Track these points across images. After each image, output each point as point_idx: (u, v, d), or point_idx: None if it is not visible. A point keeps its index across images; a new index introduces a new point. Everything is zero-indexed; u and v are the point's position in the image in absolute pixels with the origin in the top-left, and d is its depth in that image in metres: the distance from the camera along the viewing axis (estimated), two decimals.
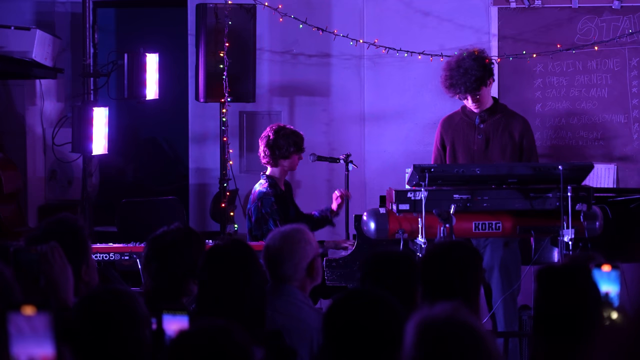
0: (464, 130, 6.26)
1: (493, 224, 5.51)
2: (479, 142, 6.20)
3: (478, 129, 6.22)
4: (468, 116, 6.27)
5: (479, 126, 6.22)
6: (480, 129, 6.22)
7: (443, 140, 6.31)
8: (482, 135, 6.21)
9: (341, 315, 2.79)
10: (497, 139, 6.20)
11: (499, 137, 6.20)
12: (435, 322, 2.32)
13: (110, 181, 8.76)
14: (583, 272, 3.00)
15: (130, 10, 9.53)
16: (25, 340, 1.94)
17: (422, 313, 2.35)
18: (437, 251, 3.86)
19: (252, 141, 7.94)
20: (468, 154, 6.20)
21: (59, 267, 3.34)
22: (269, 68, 8.00)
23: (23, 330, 1.94)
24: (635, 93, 7.51)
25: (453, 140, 6.26)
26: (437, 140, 6.35)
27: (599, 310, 2.92)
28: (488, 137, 6.21)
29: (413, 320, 2.34)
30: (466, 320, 2.34)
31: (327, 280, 5.87)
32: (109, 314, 2.78)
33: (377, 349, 2.72)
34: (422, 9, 7.82)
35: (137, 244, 5.89)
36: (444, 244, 4.20)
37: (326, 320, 2.81)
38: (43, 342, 1.94)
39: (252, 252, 3.59)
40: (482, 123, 6.21)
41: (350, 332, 2.74)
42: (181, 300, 3.78)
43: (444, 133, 6.32)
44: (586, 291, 2.95)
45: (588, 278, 2.98)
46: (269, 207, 6.24)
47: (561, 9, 7.58)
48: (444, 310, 2.34)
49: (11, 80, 8.20)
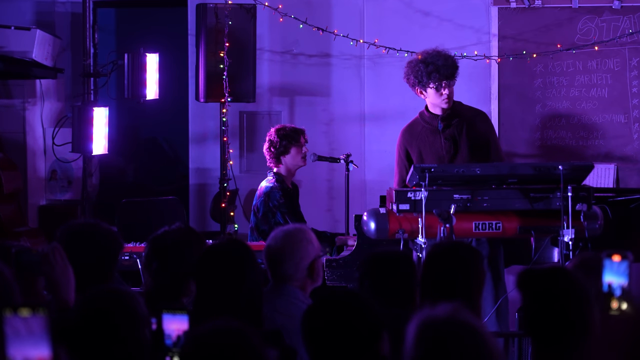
0: (428, 138, 6.04)
1: (493, 224, 5.51)
2: (447, 147, 6.04)
3: (443, 133, 6.04)
4: (429, 123, 6.06)
5: (443, 131, 6.04)
6: (445, 134, 6.07)
7: (407, 152, 6.07)
8: (449, 140, 6.04)
9: (317, 318, 2.79)
10: (463, 142, 6.04)
11: (464, 139, 6.05)
12: (436, 322, 2.32)
13: (110, 181, 8.76)
14: (563, 274, 3.00)
15: (131, 10, 9.53)
16: (22, 341, 1.94)
17: (424, 313, 2.35)
18: (439, 251, 3.85)
19: (252, 141, 7.94)
20: (438, 160, 6.01)
21: (60, 268, 3.35)
22: (269, 68, 8.00)
23: (19, 332, 1.94)
24: (635, 93, 7.51)
25: (419, 149, 6.03)
26: (401, 153, 6.09)
27: (587, 308, 2.91)
28: (455, 140, 6.07)
29: (414, 320, 2.34)
30: (467, 321, 2.34)
31: (327, 280, 5.87)
32: (108, 314, 2.78)
33: (353, 351, 2.72)
34: (423, 9, 7.82)
35: (137, 244, 5.89)
36: (446, 244, 4.20)
37: (303, 322, 2.82)
38: (39, 343, 1.94)
39: (248, 252, 3.59)
40: (446, 128, 6.06)
41: (326, 334, 2.74)
42: (181, 300, 3.78)
43: (407, 144, 6.07)
44: (568, 292, 2.94)
45: (568, 279, 2.98)
46: (277, 200, 6.28)
47: (561, 9, 7.58)
48: (445, 310, 2.34)
49: (11, 80, 8.20)
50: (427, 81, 6.00)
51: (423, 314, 2.35)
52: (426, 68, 6.00)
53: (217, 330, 2.35)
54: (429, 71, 6.00)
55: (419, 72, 6.01)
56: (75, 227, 3.81)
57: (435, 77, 5.99)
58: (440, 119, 6.02)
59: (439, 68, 5.99)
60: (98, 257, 3.73)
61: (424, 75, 6.01)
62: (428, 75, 6.00)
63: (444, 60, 6.02)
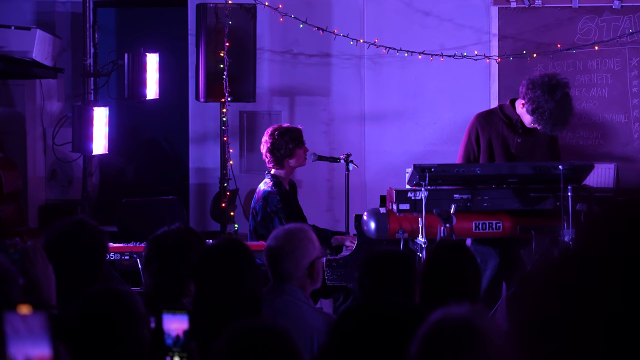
0: (503, 131, 5.98)
1: (493, 223, 5.51)
2: (518, 146, 5.96)
3: (519, 133, 5.97)
4: (509, 118, 6.01)
5: (519, 130, 5.96)
6: (520, 134, 5.97)
7: (478, 136, 5.99)
8: (522, 140, 5.97)
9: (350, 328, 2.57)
10: (534, 143, 5.98)
11: (535, 141, 5.99)
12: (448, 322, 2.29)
13: (110, 181, 8.76)
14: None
15: (131, 10, 9.53)
16: (22, 340, 1.94)
17: (438, 313, 2.32)
18: (439, 250, 3.86)
19: (253, 141, 7.94)
20: (505, 155, 5.96)
21: (40, 267, 3.32)
22: (269, 68, 8.00)
23: (20, 331, 1.94)
24: (636, 93, 7.51)
25: (490, 137, 5.97)
26: (472, 134, 6.02)
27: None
28: (528, 148, 5.99)
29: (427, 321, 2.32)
30: (476, 321, 2.31)
31: (327, 280, 5.87)
32: (108, 313, 2.78)
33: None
34: (423, 8, 7.81)
35: (137, 244, 5.88)
36: (443, 243, 4.20)
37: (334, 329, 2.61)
38: (40, 342, 1.94)
39: (247, 251, 3.59)
40: (525, 134, 5.95)
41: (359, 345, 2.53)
42: (182, 301, 3.78)
43: (480, 129, 6.00)
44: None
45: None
46: (274, 206, 6.26)
47: (561, 8, 7.57)
48: (459, 311, 2.31)
49: (11, 80, 8.20)
50: (538, 119, 5.87)
51: (438, 314, 2.31)
52: (547, 115, 5.82)
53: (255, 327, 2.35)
54: (545, 118, 5.83)
55: (540, 108, 5.85)
56: (62, 226, 3.81)
57: (545, 124, 5.86)
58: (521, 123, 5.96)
59: (556, 124, 5.84)
60: (86, 256, 3.73)
61: (539, 115, 5.86)
62: (540, 117, 5.85)
63: (565, 118, 5.86)
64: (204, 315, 3.32)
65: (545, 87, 5.87)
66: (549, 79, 5.91)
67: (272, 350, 2.40)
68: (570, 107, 5.90)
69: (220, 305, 3.41)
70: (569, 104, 5.89)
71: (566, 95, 5.89)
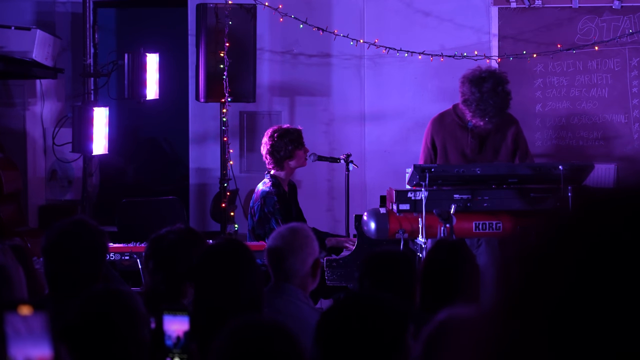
0: (456, 132, 6.11)
1: (493, 224, 5.51)
2: (472, 145, 6.08)
3: (471, 132, 6.09)
4: (460, 118, 6.13)
5: (472, 129, 6.10)
6: (473, 132, 6.11)
7: (433, 140, 6.17)
8: (476, 139, 6.08)
9: (334, 323, 2.63)
10: (490, 143, 6.08)
11: (491, 139, 6.09)
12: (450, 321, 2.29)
13: (110, 181, 8.76)
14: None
15: (131, 10, 9.53)
16: (22, 340, 1.94)
17: (444, 314, 2.31)
18: (439, 250, 3.86)
19: (253, 141, 7.94)
20: (461, 156, 6.08)
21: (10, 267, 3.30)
22: (269, 68, 8.00)
23: (20, 331, 1.94)
24: (636, 93, 7.51)
25: (444, 141, 6.11)
26: (427, 139, 6.21)
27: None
28: (482, 140, 6.10)
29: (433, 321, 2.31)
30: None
31: (327, 280, 5.87)
32: (108, 313, 2.78)
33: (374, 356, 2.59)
34: (423, 9, 7.81)
35: (137, 244, 5.88)
36: (443, 243, 4.20)
37: (319, 326, 2.65)
38: (40, 343, 1.94)
39: (247, 252, 3.59)
40: (476, 127, 6.08)
41: (344, 340, 2.58)
42: (182, 301, 3.78)
43: (434, 133, 6.18)
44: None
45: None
46: (272, 207, 6.25)
47: (561, 9, 7.57)
48: (464, 311, 2.30)
49: (11, 80, 8.20)
50: (471, 112, 5.99)
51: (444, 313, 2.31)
52: (473, 106, 5.95)
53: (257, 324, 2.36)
54: (473, 109, 5.96)
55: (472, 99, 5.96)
56: (62, 226, 3.81)
57: (475, 116, 5.96)
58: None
59: (485, 115, 5.93)
60: (86, 256, 3.73)
61: (467, 107, 5.98)
62: (469, 109, 5.98)
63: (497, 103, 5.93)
64: (204, 315, 3.32)
65: (474, 79, 6.00)
66: (480, 72, 6.04)
67: (272, 345, 2.40)
68: (501, 99, 5.95)
69: (220, 306, 3.41)
70: (499, 96, 5.94)
71: (496, 86, 5.94)
